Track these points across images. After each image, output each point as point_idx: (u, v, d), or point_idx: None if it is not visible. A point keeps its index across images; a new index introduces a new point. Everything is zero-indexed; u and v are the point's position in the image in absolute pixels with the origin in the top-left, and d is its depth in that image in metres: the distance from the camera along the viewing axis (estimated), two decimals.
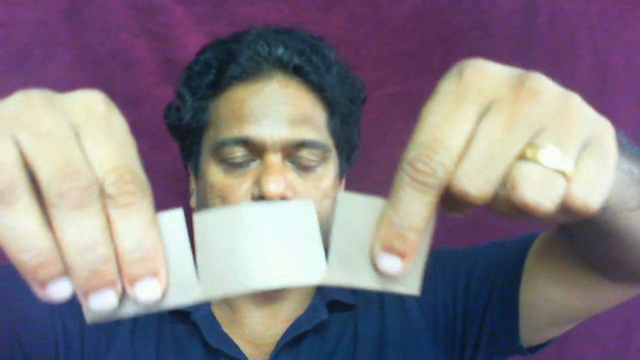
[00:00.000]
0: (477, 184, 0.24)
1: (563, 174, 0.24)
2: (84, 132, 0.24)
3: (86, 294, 0.24)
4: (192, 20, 0.83)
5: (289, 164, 0.57)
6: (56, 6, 0.80)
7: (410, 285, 0.27)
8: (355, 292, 0.63)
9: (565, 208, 0.25)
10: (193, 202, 0.65)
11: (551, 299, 0.50)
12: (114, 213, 0.24)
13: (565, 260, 0.47)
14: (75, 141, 0.24)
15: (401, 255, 0.25)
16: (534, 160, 0.24)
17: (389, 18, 0.85)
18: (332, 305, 0.61)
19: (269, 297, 0.62)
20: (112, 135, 0.25)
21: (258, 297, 0.62)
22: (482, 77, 0.25)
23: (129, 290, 0.25)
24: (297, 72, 0.59)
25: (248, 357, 0.57)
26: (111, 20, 0.82)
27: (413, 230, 0.25)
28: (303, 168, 0.58)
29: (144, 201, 0.24)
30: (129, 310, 0.26)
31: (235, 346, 0.58)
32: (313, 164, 0.58)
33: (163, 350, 0.58)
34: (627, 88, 0.86)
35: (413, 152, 0.24)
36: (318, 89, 0.60)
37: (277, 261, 0.27)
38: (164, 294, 0.25)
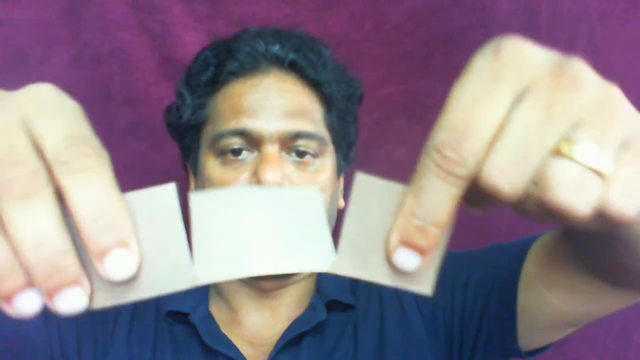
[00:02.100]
0: (509, 178, 0.22)
1: (600, 174, 0.22)
2: (33, 117, 0.23)
3: (50, 295, 0.22)
4: (192, 18, 0.83)
5: (286, 157, 0.58)
6: (55, 5, 0.80)
7: (424, 284, 0.24)
8: (354, 292, 0.63)
9: (599, 214, 0.22)
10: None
11: (550, 304, 0.49)
12: (68, 180, 0.22)
13: (566, 265, 0.46)
14: (20, 129, 0.22)
15: (421, 251, 0.23)
16: (570, 157, 0.22)
17: (389, 18, 0.85)
18: (331, 305, 0.60)
19: (267, 295, 0.62)
20: (62, 112, 0.23)
21: (256, 295, 0.62)
22: (521, 57, 0.23)
23: (99, 268, 0.22)
24: (293, 67, 0.60)
25: (247, 357, 0.57)
26: (110, 18, 0.81)
27: (436, 224, 0.23)
28: (300, 160, 0.58)
29: (101, 164, 0.22)
30: (110, 301, 0.23)
31: (233, 347, 0.57)
32: (310, 151, 0.58)
33: (160, 352, 0.58)
34: (627, 88, 0.85)
35: (441, 135, 0.22)
36: (314, 84, 0.61)
37: (281, 246, 0.25)
38: (154, 278, 0.23)
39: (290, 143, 0.58)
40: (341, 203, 0.67)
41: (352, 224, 0.24)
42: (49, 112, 0.23)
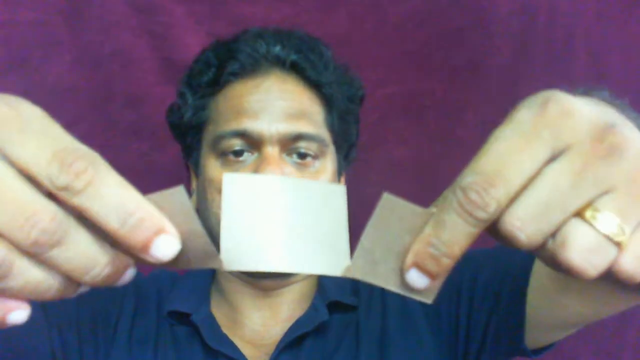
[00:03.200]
0: (528, 231, 0.23)
1: (617, 243, 0.23)
2: (3, 143, 0.22)
3: (109, 286, 0.25)
4: (192, 19, 0.83)
5: (286, 158, 0.58)
6: (56, 6, 0.80)
7: (428, 296, 0.26)
8: (356, 293, 0.62)
9: (608, 274, 0.23)
10: (194, 201, 0.65)
11: (561, 304, 0.49)
12: (81, 201, 0.22)
13: None
14: (11, 173, 0.22)
15: (431, 276, 0.24)
16: (590, 224, 0.22)
17: (389, 18, 0.86)
18: (332, 306, 0.60)
19: (268, 294, 0.62)
20: (30, 126, 0.22)
21: (257, 294, 0.62)
22: (566, 117, 0.23)
23: (147, 258, 0.24)
24: (295, 68, 0.61)
25: (248, 358, 0.57)
26: (111, 20, 0.82)
27: (449, 256, 0.24)
28: (301, 162, 0.58)
29: (100, 170, 0.22)
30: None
31: (235, 347, 0.57)
32: (311, 153, 0.58)
33: (162, 352, 0.58)
34: (624, 88, 0.86)
35: (469, 179, 0.23)
36: (315, 85, 0.61)
37: (301, 245, 0.26)
38: (188, 256, 0.25)
39: (291, 145, 0.58)
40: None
41: (370, 235, 0.26)
42: (15, 133, 0.22)
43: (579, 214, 0.23)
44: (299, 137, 0.57)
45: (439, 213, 0.24)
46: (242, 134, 0.57)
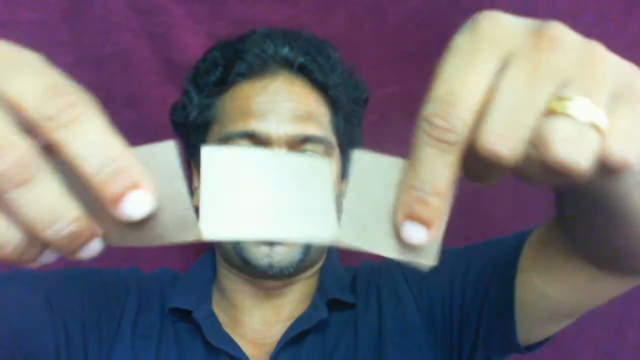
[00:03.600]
0: (506, 142, 0.22)
1: (596, 127, 0.22)
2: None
3: (71, 255, 0.23)
4: (193, 20, 0.83)
5: None
6: (56, 6, 0.80)
7: (427, 256, 0.25)
8: (354, 291, 0.63)
9: (601, 166, 0.23)
10: (196, 200, 0.65)
11: (546, 295, 0.49)
12: (62, 135, 0.21)
13: (560, 254, 0.47)
14: None
15: (426, 223, 0.23)
16: (564, 114, 0.22)
17: (389, 18, 0.86)
18: (332, 303, 0.61)
19: (270, 294, 0.62)
20: (29, 65, 0.22)
21: (259, 294, 0.62)
22: (498, 27, 0.24)
23: (115, 213, 0.22)
24: (302, 70, 0.61)
25: (249, 356, 0.57)
26: (111, 20, 0.82)
27: (436, 194, 0.23)
28: None
29: (91, 111, 0.22)
30: (124, 242, 0.24)
31: (236, 345, 0.58)
32: (318, 155, 0.59)
33: (164, 349, 0.58)
34: None
35: (429, 107, 0.23)
36: (322, 87, 0.61)
37: (287, 213, 0.25)
38: (162, 231, 0.23)
39: (298, 146, 0.58)
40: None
41: (354, 198, 0.25)
42: (13, 70, 0.22)
43: (549, 111, 0.22)
44: (306, 139, 0.58)
45: (413, 153, 0.23)
46: (250, 135, 0.57)
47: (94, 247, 0.23)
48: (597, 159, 0.22)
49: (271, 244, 0.57)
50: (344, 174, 0.65)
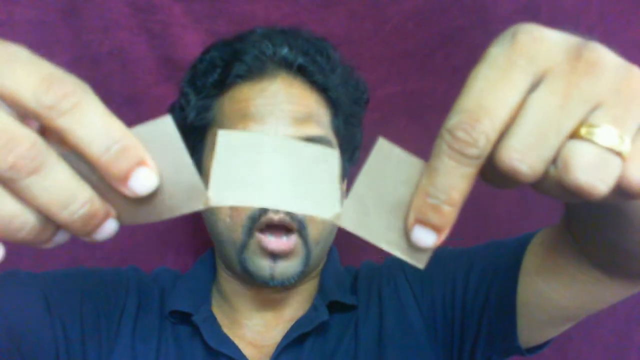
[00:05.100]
0: (528, 160, 0.22)
1: (619, 154, 0.22)
2: None
3: (87, 236, 0.24)
4: (191, 18, 0.83)
5: None
6: (55, 5, 0.80)
7: (421, 258, 0.25)
8: (355, 292, 0.62)
9: (618, 189, 0.23)
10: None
11: (549, 298, 0.49)
12: (64, 122, 0.22)
13: (565, 258, 0.46)
14: None
15: (436, 229, 0.24)
16: (589, 140, 0.22)
17: (389, 17, 0.85)
18: (333, 305, 0.60)
19: (272, 300, 0.61)
20: (18, 58, 0.23)
21: (259, 298, 0.62)
22: (538, 43, 0.23)
23: (123, 190, 0.23)
24: (301, 71, 0.60)
25: (249, 358, 0.57)
26: (110, 18, 0.81)
27: (449, 203, 0.23)
28: None
29: (89, 96, 0.23)
30: (136, 219, 0.25)
31: (236, 348, 0.57)
32: None
33: (164, 351, 0.58)
34: None
35: (454, 119, 0.23)
36: (322, 88, 0.61)
37: (291, 189, 0.26)
38: (171, 202, 0.25)
39: None
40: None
41: (364, 183, 0.25)
42: (4, 63, 0.22)
43: (575, 134, 0.22)
44: (306, 140, 0.57)
45: (432, 160, 0.23)
46: None
47: (110, 227, 0.24)
48: (616, 183, 0.23)
49: (274, 257, 0.57)
50: (344, 173, 0.65)
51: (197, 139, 0.62)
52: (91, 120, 0.22)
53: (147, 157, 0.23)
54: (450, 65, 0.86)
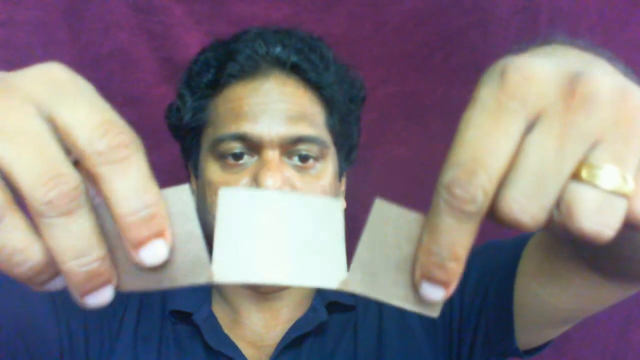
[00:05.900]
0: (530, 210, 0.21)
1: (623, 193, 0.21)
2: (53, 103, 0.22)
3: (82, 295, 0.23)
4: (192, 19, 0.83)
5: (287, 161, 0.58)
6: (55, 6, 0.80)
7: (431, 309, 0.26)
8: (353, 294, 0.62)
9: (626, 223, 0.22)
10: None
11: (546, 300, 0.49)
12: (107, 171, 0.22)
13: (563, 262, 0.46)
14: (49, 133, 0.22)
15: (443, 284, 0.23)
16: (591, 183, 0.21)
17: (389, 18, 0.85)
18: (331, 306, 0.60)
19: (268, 297, 0.62)
20: (84, 95, 0.23)
21: (257, 297, 0.62)
22: (528, 82, 0.22)
23: (133, 255, 0.23)
24: (295, 70, 0.60)
25: (249, 358, 0.57)
26: (110, 19, 0.81)
27: (454, 259, 0.23)
28: (302, 164, 0.58)
29: (139, 154, 0.23)
30: (136, 286, 0.24)
31: (235, 348, 0.57)
32: (312, 155, 0.58)
33: (165, 351, 0.58)
34: None
35: (449, 174, 0.22)
36: (316, 87, 0.60)
37: (296, 257, 0.26)
38: (174, 273, 0.24)
39: (291, 147, 0.57)
40: (343, 205, 0.67)
41: (366, 246, 0.25)
42: (71, 96, 0.22)
43: (576, 175, 0.21)
44: (299, 140, 0.57)
45: (431, 218, 0.23)
46: (242, 138, 0.56)
47: (105, 295, 0.23)
48: (623, 220, 0.22)
49: None
50: (340, 172, 0.65)
51: (194, 139, 0.62)
52: (132, 178, 0.22)
53: (168, 229, 0.23)
54: (450, 65, 0.86)
